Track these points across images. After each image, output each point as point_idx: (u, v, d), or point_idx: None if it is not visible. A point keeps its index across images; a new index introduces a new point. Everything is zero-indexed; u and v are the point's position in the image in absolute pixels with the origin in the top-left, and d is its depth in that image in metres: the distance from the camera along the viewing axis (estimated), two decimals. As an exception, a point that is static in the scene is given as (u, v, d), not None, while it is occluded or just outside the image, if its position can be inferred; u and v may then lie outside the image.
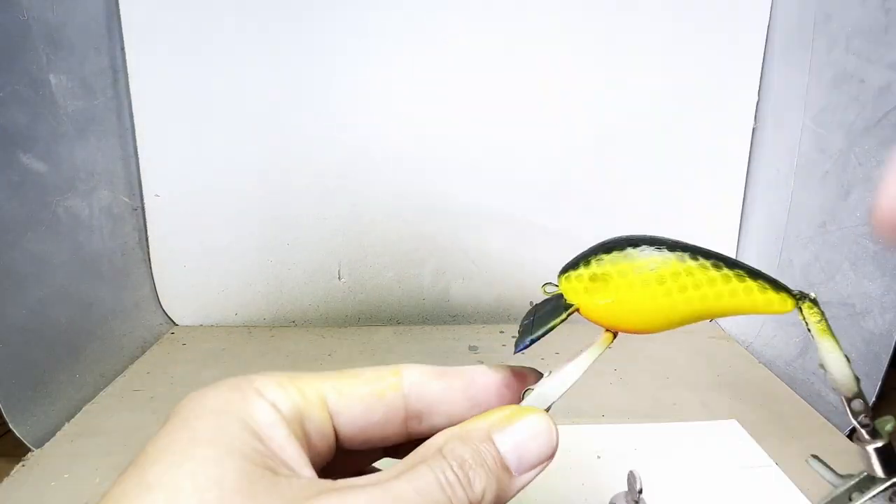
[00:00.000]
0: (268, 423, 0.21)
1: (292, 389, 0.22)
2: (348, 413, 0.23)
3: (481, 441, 0.22)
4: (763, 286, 0.24)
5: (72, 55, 0.58)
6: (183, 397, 0.23)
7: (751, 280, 0.24)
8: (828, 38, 0.59)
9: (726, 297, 0.23)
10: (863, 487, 0.25)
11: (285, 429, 0.21)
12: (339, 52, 0.66)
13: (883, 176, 0.23)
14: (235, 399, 0.22)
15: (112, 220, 0.65)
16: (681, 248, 0.23)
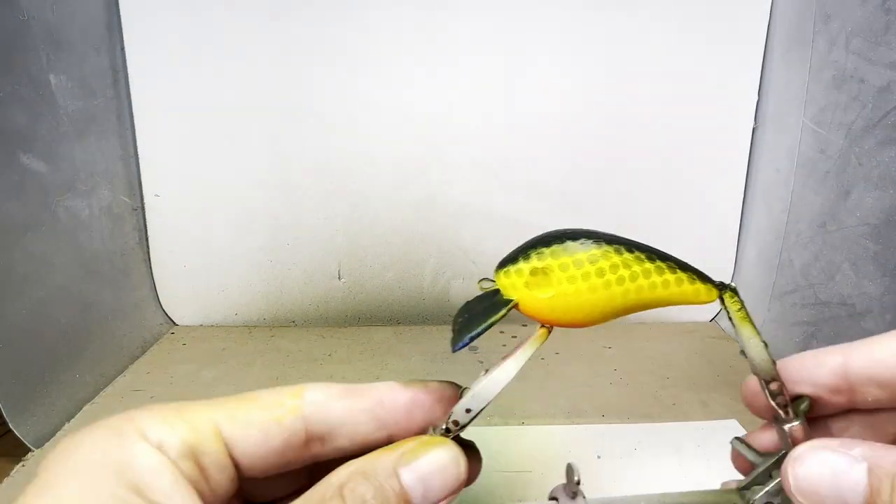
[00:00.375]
0: (150, 470, 0.19)
1: (180, 424, 0.21)
2: (245, 442, 0.22)
3: (386, 477, 0.21)
4: (691, 277, 0.25)
5: (72, 55, 0.58)
6: (183, 397, 0.23)
7: (680, 272, 0.25)
8: (828, 37, 0.59)
9: (659, 288, 0.24)
10: (780, 465, 0.26)
11: (171, 473, 0.20)
12: (339, 52, 0.66)
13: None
14: (112, 447, 0.20)
15: (112, 221, 0.65)
16: (616, 240, 0.24)
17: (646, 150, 0.70)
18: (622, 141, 0.69)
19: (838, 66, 0.57)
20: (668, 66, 0.67)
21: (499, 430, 0.50)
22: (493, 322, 0.24)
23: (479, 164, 0.69)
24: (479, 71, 0.67)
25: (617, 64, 0.67)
